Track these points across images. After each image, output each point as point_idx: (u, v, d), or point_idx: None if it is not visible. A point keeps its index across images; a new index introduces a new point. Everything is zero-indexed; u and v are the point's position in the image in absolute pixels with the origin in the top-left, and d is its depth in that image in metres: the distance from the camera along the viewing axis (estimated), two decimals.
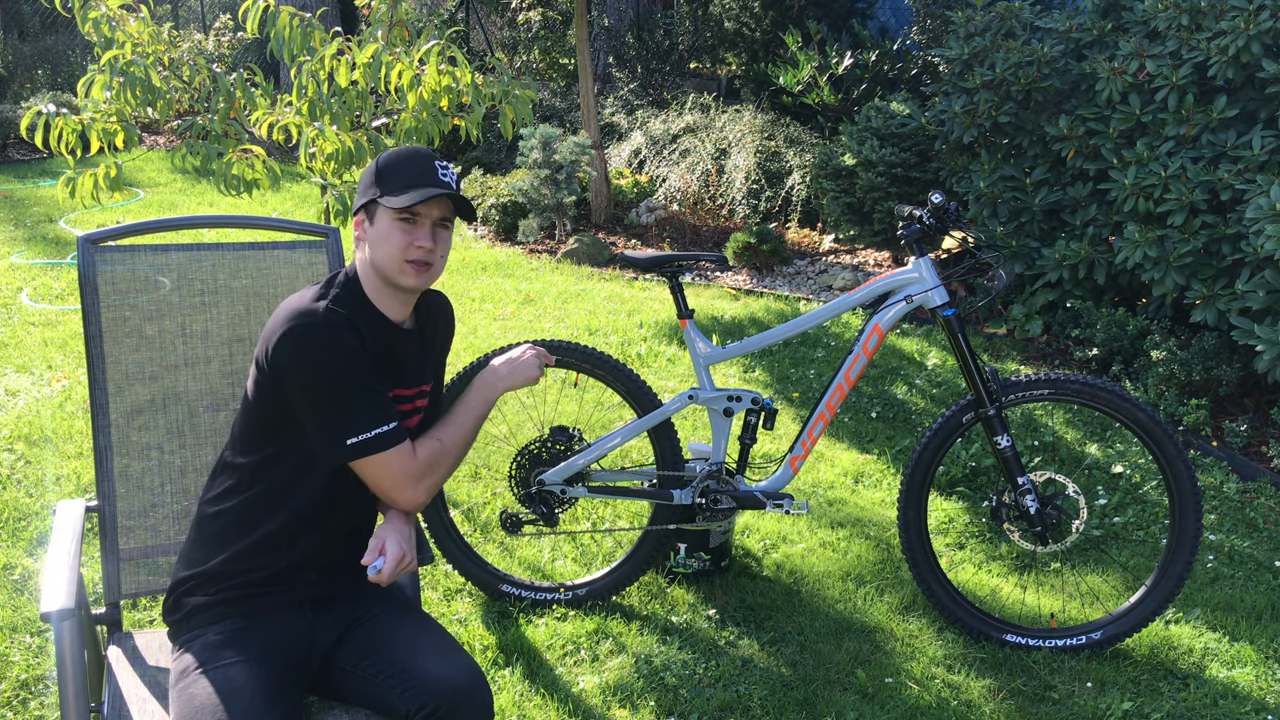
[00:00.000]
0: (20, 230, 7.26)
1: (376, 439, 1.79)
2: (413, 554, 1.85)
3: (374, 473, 1.83)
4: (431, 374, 2.04)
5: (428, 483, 1.88)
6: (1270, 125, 4.36)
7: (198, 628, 1.83)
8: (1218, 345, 4.32)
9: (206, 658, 1.76)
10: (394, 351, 1.91)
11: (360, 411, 1.79)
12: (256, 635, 1.80)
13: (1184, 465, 2.71)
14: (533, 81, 3.56)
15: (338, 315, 1.80)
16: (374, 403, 1.81)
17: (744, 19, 8.94)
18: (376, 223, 1.87)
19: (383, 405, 1.82)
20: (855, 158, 6.19)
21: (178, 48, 3.54)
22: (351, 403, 1.78)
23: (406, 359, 1.94)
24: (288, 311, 1.80)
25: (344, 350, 1.77)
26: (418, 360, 1.98)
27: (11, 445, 3.84)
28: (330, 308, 1.80)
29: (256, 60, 11.74)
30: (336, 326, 1.78)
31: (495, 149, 9.01)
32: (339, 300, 1.84)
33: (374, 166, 1.88)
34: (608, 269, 6.69)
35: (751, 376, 4.77)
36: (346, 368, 1.77)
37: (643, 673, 2.70)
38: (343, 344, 1.77)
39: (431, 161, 1.87)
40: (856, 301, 2.84)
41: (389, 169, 1.86)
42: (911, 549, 2.89)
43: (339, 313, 1.80)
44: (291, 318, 1.78)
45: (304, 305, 1.81)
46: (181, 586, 1.89)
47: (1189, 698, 2.66)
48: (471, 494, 3.62)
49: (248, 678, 1.72)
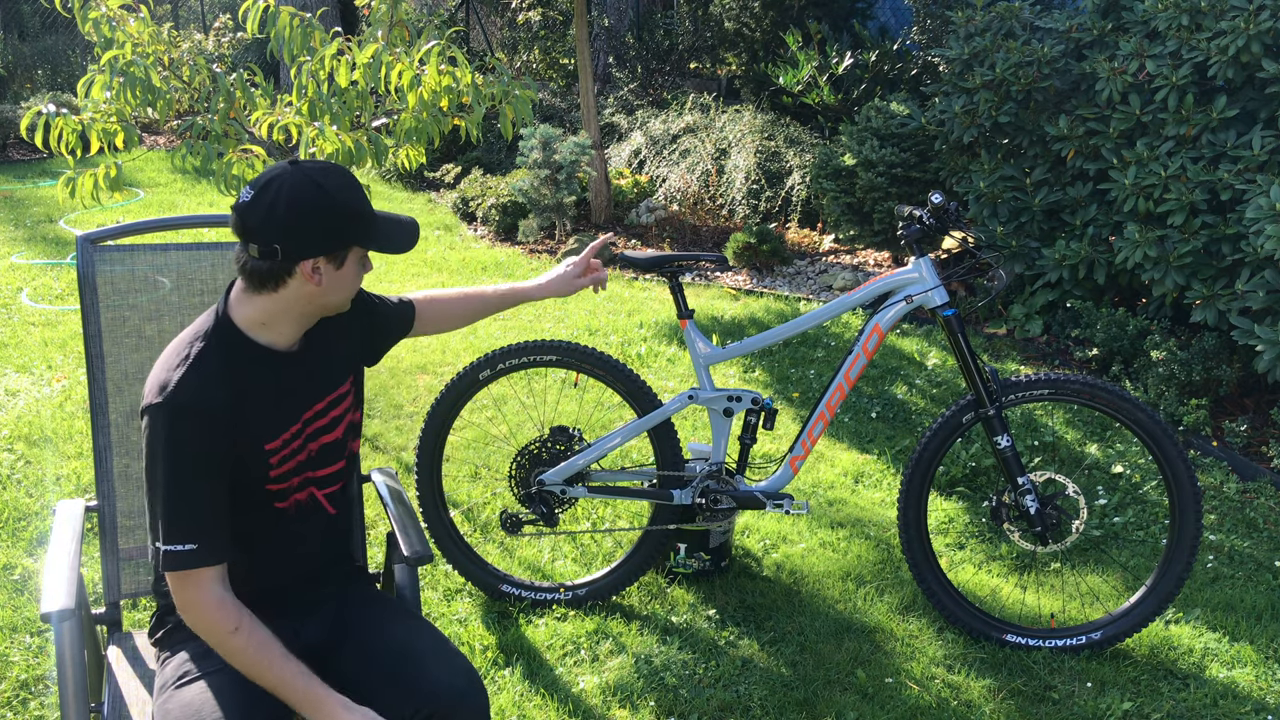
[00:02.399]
0: (20, 230, 7.26)
1: (168, 557, 1.65)
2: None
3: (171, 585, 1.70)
4: (349, 367, 1.93)
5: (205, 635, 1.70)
6: (1270, 125, 4.36)
7: (180, 641, 1.82)
8: (1218, 345, 4.32)
9: (188, 667, 1.76)
10: (288, 378, 1.80)
11: (172, 518, 1.65)
12: None
13: (1184, 465, 2.71)
14: (533, 81, 3.56)
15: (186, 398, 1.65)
16: (189, 511, 1.66)
17: (744, 19, 8.94)
18: (345, 266, 1.74)
19: (199, 517, 1.66)
20: (855, 158, 6.19)
21: (178, 48, 3.54)
22: (164, 507, 1.66)
23: (305, 378, 1.83)
24: (149, 384, 1.70)
25: (176, 445, 1.64)
26: (321, 369, 1.86)
27: (11, 445, 3.84)
28: (184, 381, 1.66)
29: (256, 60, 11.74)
30: (178, 414, 1.65)
31: (495, 149, 9.01)
32: (201, 365, 1.69)
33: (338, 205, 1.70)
34: (608, 269, 6.69)
35: (751, 376, 4.77)
36: (173, 465, 1.64)
37: (643, 673, 2.70)
38: (177, 437, 1.64)
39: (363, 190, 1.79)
40: (856, 301, 2.84)
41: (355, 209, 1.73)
42: (911, 549, 2.88)
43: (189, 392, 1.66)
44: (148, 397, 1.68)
45: (159, 381, 1.68)
46: (161, 602, 1.89)
47: (1189, 698, 2.66)
48: (471, 494, 3.62)
49: (223, 685, 1.70)
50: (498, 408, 4.24)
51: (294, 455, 1.81)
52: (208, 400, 1.67)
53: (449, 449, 3.63)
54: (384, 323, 2.10)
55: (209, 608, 1.67)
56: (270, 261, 1.68)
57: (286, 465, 1.80)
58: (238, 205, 1.70)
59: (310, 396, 1.84)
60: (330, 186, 1.70)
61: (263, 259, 1.68)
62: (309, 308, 1.77)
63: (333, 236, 1.71)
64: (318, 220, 1.69)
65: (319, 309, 1.79)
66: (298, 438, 1.81)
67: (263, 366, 1.76)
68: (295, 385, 1.81)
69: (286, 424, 1.79)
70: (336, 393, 1.89)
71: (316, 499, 1.87)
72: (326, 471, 1.88)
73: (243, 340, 1.75)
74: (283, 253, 1.67)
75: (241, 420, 1.71)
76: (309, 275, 1.71)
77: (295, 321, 1.78)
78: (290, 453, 1.80)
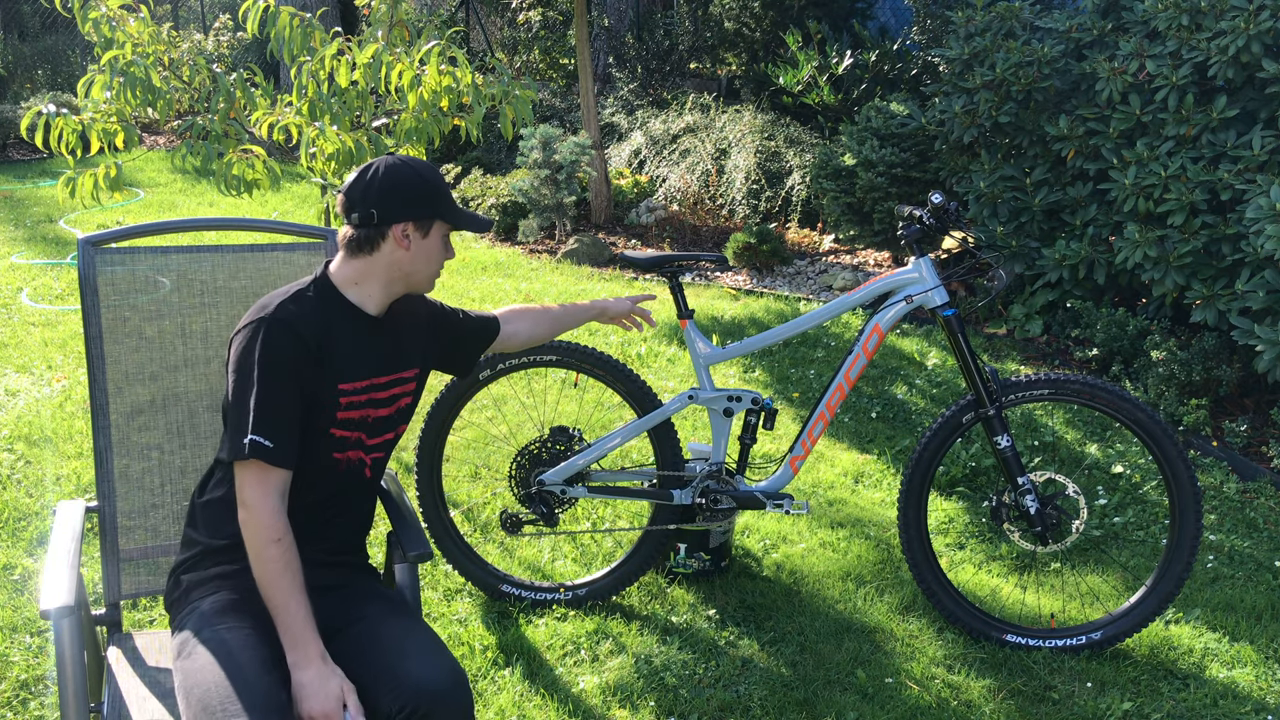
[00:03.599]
0: (20, 230, 7.26)
1: (253, 445, 1.77)
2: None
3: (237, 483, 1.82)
4: (417, 359, 2.08)
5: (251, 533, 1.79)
6: (1270, 125, 4.36)
7: (195, 600, 1.87)
8: (1218, 345, 4.32)
9: (203, 625, 1.80)
10: (368, 338, 1.95)
11: (260, 414, 1.79)
12: (252, 604, 1.82)
13: (1184, 465, 2.71)
14: (533, 81, 3.56)
15: (286, 314, 1.84)
16: (273, 412, 1.80)
17: (744, 19, 8.94)
18: (430, 237, 1.94)
19: (280, 419, 1.80)
20: (855, 158, 6.19)
21: (178, 48, 3.54)
22: (255, 403, 1.79)
23: (384, 346, 1.98)
24: (249, 311, 1.89)
25: (272, 350, 1.81)
26: (396, 347, 2.01)
27: (11, 445, 3.85)
28: (282, 305, 1.85)
29: (256, 60, 11.74)
30: (278, 325, 1.82)
31: (495, 149, 9.01)
32: (300, 299, 1.88)
33: (428, 181, 1.93)
34: (608, 269, 6.69)
35: (751, 376, 4.78)
36: (267, 367, 1.80)
37: (643, 673, 2.70)
38: (274, 344, 1.81)
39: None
40: (856, 302, 2.84)
41: (443, 190, 1.95)
42: (911, 549, 2.88)
43: (288, 313, 1.84)
44: (247, 317, 1.87)
45: (262, 304, 1.88)
46: (180, 568, 1.94)
47: (1189, 698, 2.66)
48: (471, 494, 3.62)
49: (243, 642, 1.76)
50: (498, 408, 4.24)
51: (358, 408, 1.93)
52: (302, 324, 1.85)
53: (449, 449, 3.63)
54: (464, 333, 2.28)
55: (266, 510, 1.79)
56: (367, 228, 1.90)
57: (351, 414, 1.92)
58: (343, 187, 1.94)
59: (381, 366, 1.97)
60: (420, 167, 1.93)
61: (361, 225, 1.90)
62: (396, 274, 1.94)
63: (422, 205, 1.92)
64: (410, 190, 1.91)
65: (404, 278, 1.96)
66: (364, 394, 1.94)
67: (351, 319, 1.93)
68: (373, 348, 1.96)
69: (360, 375, 1.93)
70: (402, 374, 2.02)
71: (363, 464, 1.97)
72: (375, 441, 1.98)
73: (336, 293, 1.94)
74: (379, 217, 1.89)
75: (327, 354, 1.87)
76: (399, 240, 1.91)
77: (383, 286, 1.95)
78: (357, 403, 1.93)
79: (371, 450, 1.98)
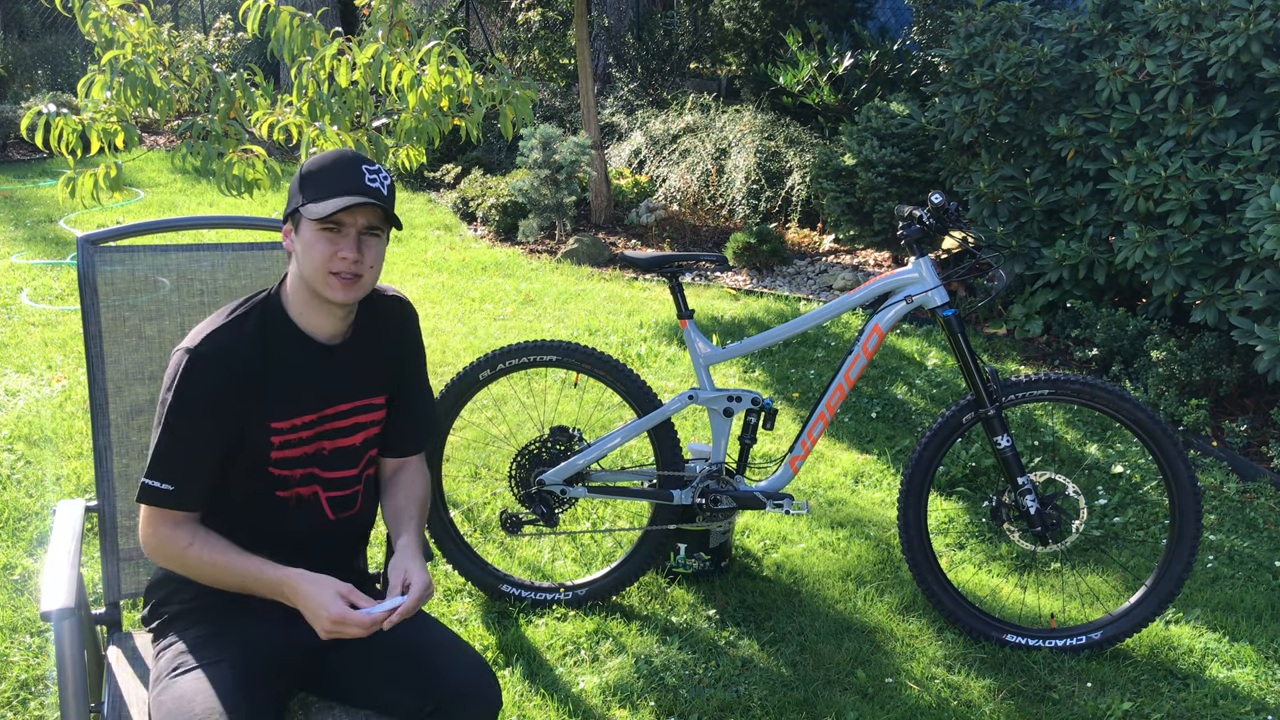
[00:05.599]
0: (20, 230, 7.26)
1: (144, 489, 1.73)
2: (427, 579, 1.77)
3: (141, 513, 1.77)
4: (385, 384, 1.93)
5: (165, 562, 1.78)
6: (1270, 125, 4.36)
7: (175, 632, 1.83)
8: (1218, 345, 4.32)
9: (178, 663, 1.75)
10: (317, 370, 1.82)
11: (159, 456, 1.73)
12: (231, 637, 1.78)
13: (1184, 465, 2.71)
14: (533, 81, 3.55)
15: (212, 349, 1.73)
16: (177, 456, 1.73)
17: (744, 19, 8.94)
18: (301, 232, 1.76)
19: (181, 464, 1.73)
20: (855, 158, 6.19)
21: (178, 48, 3.54)
22: (156, 444, 1.74)
23: (335, 375, 1.84)
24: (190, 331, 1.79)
25: (186, 391, 1.71)
26: (356, 375, 1.87)
27: (11, 445, 3.84)
28: (212, 336, 1.74)
29: (256, 60, 11.73)
30: (199, 361, 1.72)
31: (495, 149, 9.01)
32: (238, 326, 1.77)
33: (299, 172, 1.78)
34: (608, 269, 6.69)
35: (751, 376, 4.77)
36: (177, 409, 1.72)
37: (643, 673, 2.70)
38: (190, 383, 1.71)
39: (358, 165, 1.76)
40: (856, 302, 2.84)
41: (312, 174, 1.76)
42: (911, 549, 2.88)
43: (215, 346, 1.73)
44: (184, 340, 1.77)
45: (198, 329, 1.77)
46: (155, 595, 1.89)
47: (1189, 698, 2.66)
48: (471, 494, 3.62)
49: (217, 677, 1.70)
50: (498, 408, 4.24)
51: (301, 445, 1.82)
52: (231, 357, 1.73)
53: (449, 449, 3.63)
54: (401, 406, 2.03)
55: (161, 539, 1.74)
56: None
57: (291, 452, 1.81)
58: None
59: (335, 396, 1.85)
60: (311, 159, 1.79)
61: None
62: (305, 284, 1.79)
63: (290, 202, 1.79)
64: (290, 187, 1.79)
65: (309, 288, 1.78)
66: (309, 429, 1.82)
67: (295, 349, 1.81)
68: (321, 379, 1.83)
69: (301, 412, 1.81)
70: (365, 401, 1.89)
71: (319, 499, 1.86)
72: (335, 475, 1.87)
73: (284, 319, 1.81)
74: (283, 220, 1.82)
75: (257, 391, 1.75)
76: (287, 241, 1.81)
77: (310, 304, 1.80)
78: (298, 440, 1.81)
79: (332, 487, 1.87)
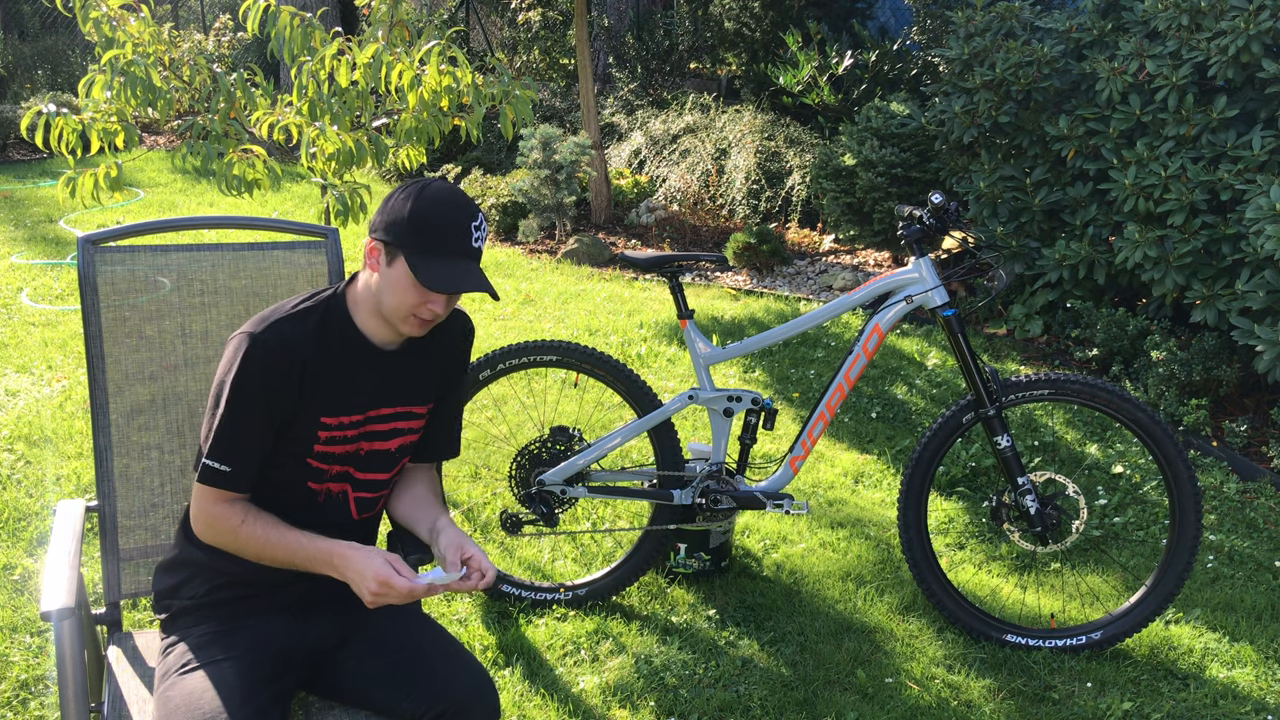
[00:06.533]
0: (20, 230, 7.26)
1: (205, 470, 1.75)
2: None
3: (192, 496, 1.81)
4: (431, 393, 1.94)
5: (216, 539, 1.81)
6: (1270, 125, 4.36)
7: (182, 629, 1.84)
8: (1218, 345, 4.32)
9: (186, 660, 1.76)
10: (366, 372, 1.84)
11: (219, 438, 1.75)
12: (240, 636, 1.80)
13: (1184, 465, 2.71)
14: (533, 81, 3.55)
15: (274, 337, 1.75)
16: (235, 438, 1.75)
17: (744, 19, 8.94)
18: (394, 267, 1.75)
19: (239, 446, 1.76)
20: (855, 158, 6.19)
21: (178, 48, 3.54)
22: (217, 425, 1.75)
23: (385, 380, 1.86)
24: (255, 316, 1.82)
25: (246, 375, 1.73)
26: (403, 380, 1.88)
27: (11, 445, 3.84)
28: (276, 324, 1.76)
29: (256, 60, 11.73)
30: (260, 348, 1.73)
31: (495, 149, 9.01)
32: (302, 319, 1.79)
33: (413, 211, 1.73)
34: (608, 269, 6.69)
35: (751, 376, 4.77)
36: (237, 392, 1.73)
37: (643, 673, 2.70)
38: (249, 368, 1.73)
39: (468, 223, 1.75)
40: (856, 302, 2.84)
41: (425, 222, 1.73)
42: (911, 549, 2.88)
43: (278, 335, 1.75)
44: (246, 324, 1.79)
45: (263, 315, 1.79)
46: (166, 587, 1.90)
47: (1189, 698, 2.66)
48: (471, 494, 3.62)
49: (224, 675, 1.72)
50: (498, 408, 4.24)
51: (343, 443, 1.84)
52: (291, 347, 1.76)
53: None
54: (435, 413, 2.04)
55: (215, 515, 1.77)
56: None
57: (333, 448, 1.83)
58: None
59: (382, 399, 1.87)
60: (440, 198, 1.75)
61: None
62: (372, 298, 1.81)
63: (395, 230, 1.75)
64: (395, 212, 1.76)
65: (378, 306, 1.80)
66: (355, 428, 1.85)
67: (352, 350, 1.83)
68: (372, 379, 1.85)
69: (350, 410, 1.83)
70: (407, 408, 1.90)
71: (348, 498, 1.89)
72: (368, 477, 1.89)
73: (347, 320, 1.83)
74: (372, 225, 1.81)
75: (310, 384, 1.78)
76: (369, 255, 1.80)
77: (375, 319, 1.82)
78: (342, 438, 1.84)
79: (362, 488, 1.89)
